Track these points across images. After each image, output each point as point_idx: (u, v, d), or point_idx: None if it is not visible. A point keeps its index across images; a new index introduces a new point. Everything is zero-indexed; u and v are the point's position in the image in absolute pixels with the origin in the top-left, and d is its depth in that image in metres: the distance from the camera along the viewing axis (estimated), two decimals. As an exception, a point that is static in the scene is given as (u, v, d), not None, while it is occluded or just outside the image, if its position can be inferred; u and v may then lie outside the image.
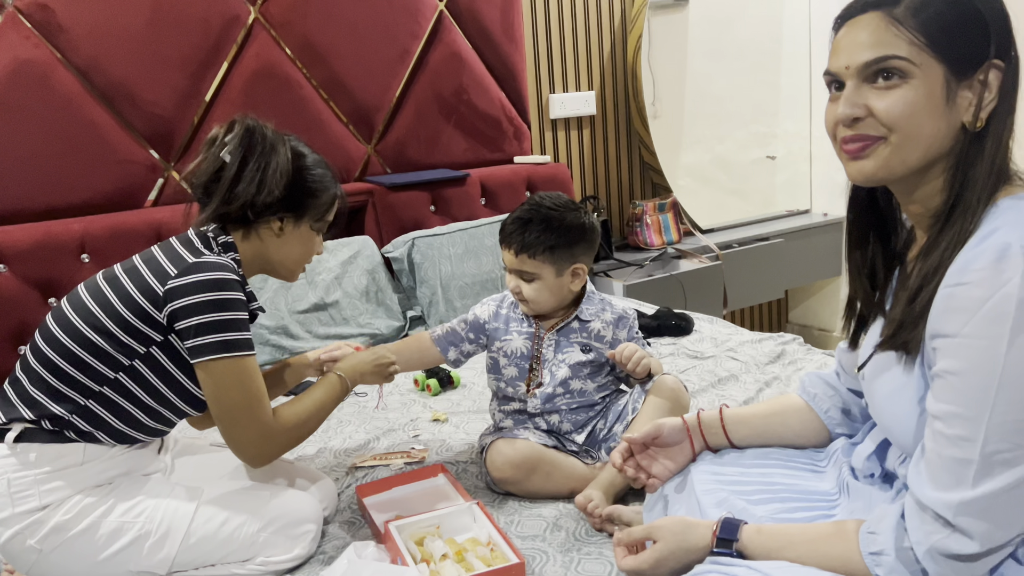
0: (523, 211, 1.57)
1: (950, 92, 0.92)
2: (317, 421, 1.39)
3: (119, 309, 1.27)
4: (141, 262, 1.32)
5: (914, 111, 0.92)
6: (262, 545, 1.31)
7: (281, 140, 1.38)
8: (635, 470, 1.24)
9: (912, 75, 0.92)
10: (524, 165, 3.09)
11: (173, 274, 1.27)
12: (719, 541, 1.02)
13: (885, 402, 1.02)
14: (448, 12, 2.91)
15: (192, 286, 1.25)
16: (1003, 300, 0.84)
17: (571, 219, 1.55)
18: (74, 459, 1.27)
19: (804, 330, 4.09)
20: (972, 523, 0.86)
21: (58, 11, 2.23)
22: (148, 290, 1.27)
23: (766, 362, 2.17)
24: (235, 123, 1.36)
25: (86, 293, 1.32)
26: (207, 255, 1.31)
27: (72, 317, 1.29)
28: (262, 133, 1.35)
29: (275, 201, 1.36)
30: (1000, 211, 0.91)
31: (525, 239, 1.53)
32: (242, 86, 2.52)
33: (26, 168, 2.23)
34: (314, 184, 1.42)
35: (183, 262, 1.28)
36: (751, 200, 3.97)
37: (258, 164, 1.33)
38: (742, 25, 3.75)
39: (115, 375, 1.28)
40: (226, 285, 1.27)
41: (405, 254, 2.66)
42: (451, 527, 1.35)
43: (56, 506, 1.24)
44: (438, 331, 1.69)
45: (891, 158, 0.95)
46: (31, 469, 1.24)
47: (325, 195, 1.44)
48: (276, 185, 1.34)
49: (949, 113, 0.93)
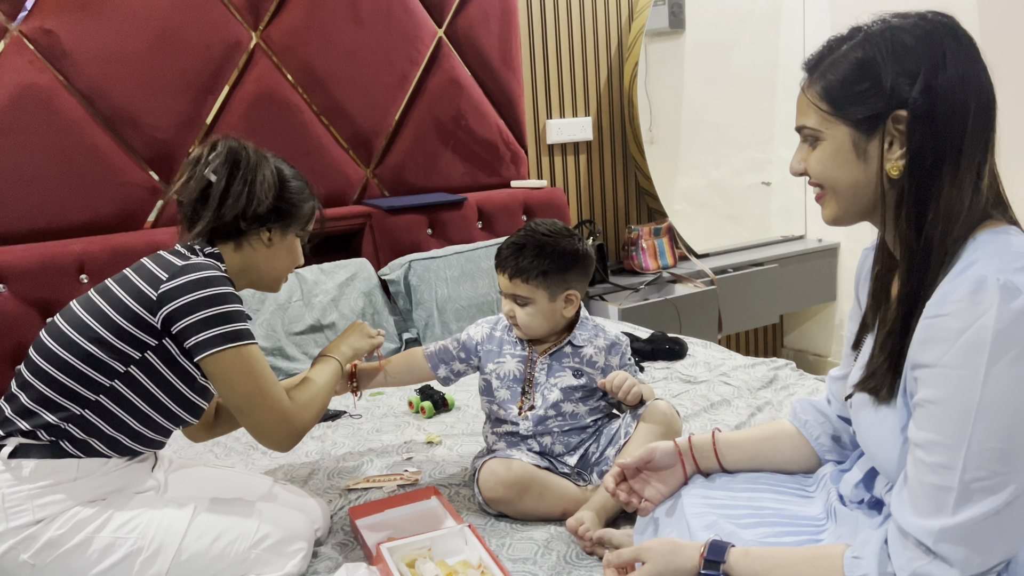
0: (518, 236, 1.60)
1: (858, 148, 0.98)
2: (325, 402, 1.48)
3: (112, 316, 1.30)
4: (131, 272, 1.36)
5: (828, 168, 1.01)
6: (253, 562, 1.32)
7: (263, 156, 1.45)
8: (627, 494, 1.25)
9: (822, 137, 1.00)
10: (521, 189, 3.13)
11: (164, 278, 1.30)
12: (706, 563, 1.03)
13: (870, 431, 1.04)
14: (447, 39, 2.96)
15: (185, 286, 1.30)
16: (979, 331, 0.86)
17: (565, 245, 1.58)
18: (68, 475, 1.28)
19: (799, 355, 4.10)
20: (952, 549, 0.87)
21: (62, 36, 2.27)
22: (141, 295, 1.30)
23: (758, 387, 2.19)
24: (217, 143, 1.43)
25: (78, 306, 1.35)
26: (195, 258, 1.36)
27: (66, 329, 1.31)
28: (245, 150, 1.42)
29: (265, 213, 1.43)
30: (979, 244, 0.93)
31: (519, 264, 1.56)
32: (243, 111, 2.56)
33: (28, 190, 2.26)
34: (297, 195, 1.50)
35: (173, 266, 1.32)
36: (746, 225, 4.00)
37: (244, 179, 1.40)
38: (738, 52, 3.81)
39: (110, 383, 1.29)
40: (218, 281, 1.32)
41: (402, 276, 2.68)
42: (442, 549, 1.36)
43: (49, 521, 1.25)
44: (431, 348, 1.72)
45: (835, 206, 1.03)
46: (25, 484, 1.25)
47: (307, 205, 1.52)
48: (265, 196, 1.42)
49: (865, 166, 0.98)
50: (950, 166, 0.93)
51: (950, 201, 0.93)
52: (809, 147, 1.03)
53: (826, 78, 0.99)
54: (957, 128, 0.93)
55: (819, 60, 1.02)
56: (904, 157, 0.95)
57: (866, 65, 0.96)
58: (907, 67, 0.94)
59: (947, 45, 0.94)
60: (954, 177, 0.93)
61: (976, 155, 0.94)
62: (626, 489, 1.25)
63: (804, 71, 1.04)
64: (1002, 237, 0.93)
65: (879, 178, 0.98)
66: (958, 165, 0.93)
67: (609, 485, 1.25)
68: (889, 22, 0.98)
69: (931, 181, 0.94)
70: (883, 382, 1.00)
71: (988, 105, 0.95)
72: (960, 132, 0.93)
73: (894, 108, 0.95)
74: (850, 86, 0.97)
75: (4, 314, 2.15)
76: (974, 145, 0.94)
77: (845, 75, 0.98)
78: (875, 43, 0.96)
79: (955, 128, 0.93)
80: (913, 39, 0.94)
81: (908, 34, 0.95)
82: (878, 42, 0.96)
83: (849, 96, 0.97)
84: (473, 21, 2.99)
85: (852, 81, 0.97)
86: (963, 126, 0.93)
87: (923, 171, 0.94)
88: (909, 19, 0.97)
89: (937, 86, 0.93)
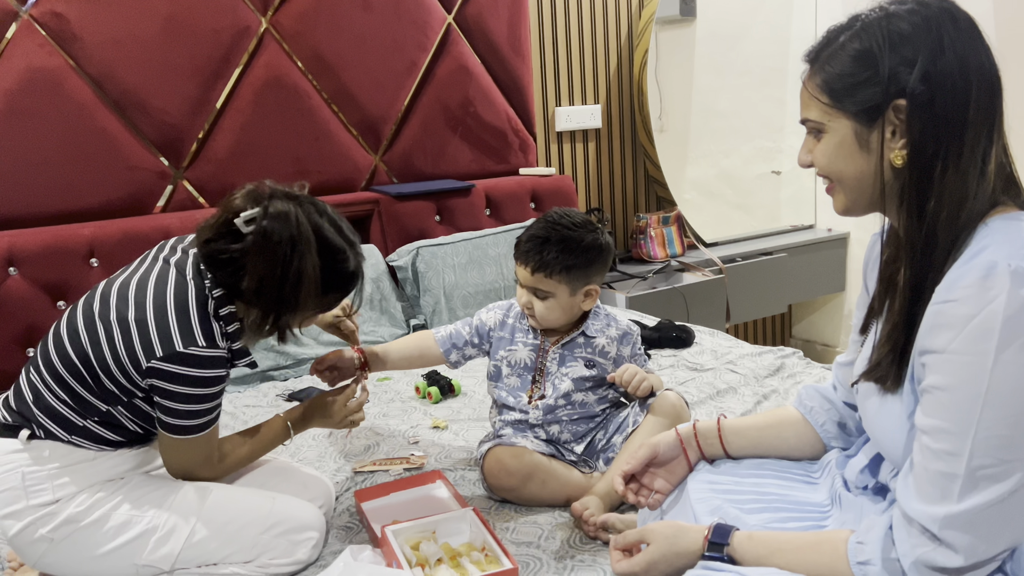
0: (540, 229, 1.55)
1: (861, 139, 0.97)
2: (251, 459, 1.44)
3: (106, 357, 1.25)
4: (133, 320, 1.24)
5: (833, 160, 1.00)
6: (264, 547, 1.33)
7: (308, 239, 1.26)
8: (636, 494, 1.25)
9: (825, 129, 1.00)
10: (529, 177, 3.12)
11: (158, 355, 1.23)
12: (710, 545, 1.03)
13: (876, 417, 1.04)
14: (456, 25, 2.95)
15: (173, 375, 1.24)
16: (989, 317, 0.85)
17: (589, 240, 1.55)
18: (86, 455, 1.30)
19: (807, 345, 4.09)
20: (957, 537, 0.87)
21: (73, 20, 2.27)
22: (133, 356, 1.24)
23: (765, 375, 2.18)
24: (268, 203, 1.26)
25: (81, 323, 1.29)
26: (197, 345, 1.24)
27: (67, 345, 1.29)
28: (293, 228, 1.25)
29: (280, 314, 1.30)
30: (990, 231, 0.92)
31: (543, 258, 1.52)
32: (252, 95, 2.56)
33: (38, 173, 2.27)
34: (339, 281, 1.34)
35: (170, 346, 1.22)
36: (755, 215, 3.98)
37: (282, 272, 1.25)
38: (749, 41, 3.78)
39: (106, 407, 1.29)
40: (207, 381, 1.26)
41: (409, 263, 2.68)
42: (447, 532, 1.36)
43: (69, 499, 1.27)
44: (442, 332, 1.70)
45: (844, 198, 1.03)
46: (44, 464, 1.27)
47: (342, 294, 1.36)
48: (302, 297, 1.28)
49: (869, 157, 0.97)
50: (953, 153, 0.92)
51: (953, 188, 0.92)
52: (814, 139, 1.03)
53: (825, 70, 0.99)
54: (958, 114, 0.92)
55: (819, 51, 1.01)
56: (906, 147, 0.94)
57: (863, 56, 0.95)
58: (905, 56, 0.93)
59: (945, 30, 0.92)
60: (957, 164, 0.92)
61: (980, 140, 0.92)
62: (635, 488, 1.25)
63: (805, 62, 1.03)
64: (1014, 224, 0.92)
65: (883, 168, 0.97)
66: (961, 152, 0.92)
67: (619, 488, 1.24)
68: (887, 9, 0.96)
69: (933, 169, 0.93)
70: (888, 372, 0.99)
71: (991, 89, 0.93)
72: (961, 118, 0.92)
73: (894, 98, 0.94)
74: (849, 78, 0.96)
75: (15, 297, 2.16)
76: (977, 131, 0.92)
77: (843, 67, 0.97)
78: (872, 33, 0.95)
79: (956, 114, 0.92)
80: (910, 26, 0.93)
81: (905, 21, 0.94)
82: (875, 31, 0.95)
83: (848, 88, 0.97)
84: (482, 7, 2.97)
85: (850, 73, 0.96)
86: (964, 112, 0.92)
87: (925, 159, 0.93)
88: (906, 5, 0.95)
89: (936, 73, 0.91)
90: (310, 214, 1.29)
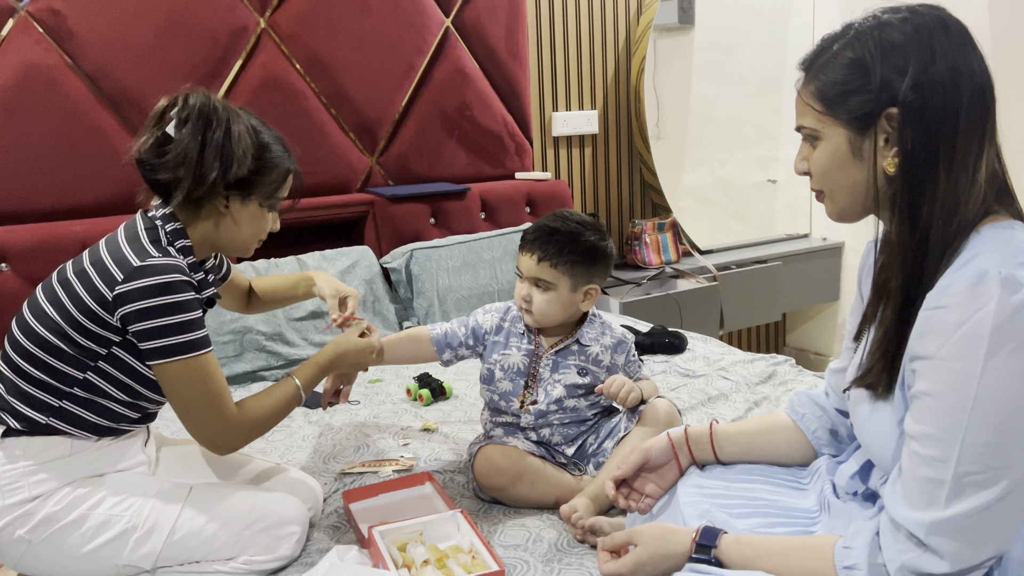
0: (551, 220, 1.57)
1: (854, 147, 0.98)
2: (274, 419, 1.38)
3: (74, 314, 1.25)
4: (89, 264, 1.27)
5: (827, 168, 1.01)
6: (246, 544, 1.32)
7: (235, 112, 1.32)
8: (626, 499, 1.25)
9: (820, 137, 1.00)
10: (525, 181, 3.12)
11: (119, 279, 1.23)
12: (698, 547, 1.03)
13: (867, 423, 1.04)
14: (454, 29, 2.96)
15: (139, 291, 1.22)
16: (978, 324, 0.85)
17: (597, 240, 1.56)
18: (61, 451, 1.28)
19: (800, 354, 4.10)
20: (943, 543, 0.87)
21: (69, 17, 2.27)
22: (97, 294, 1.24)
23: (757, 382, 2.19)
24: (187, 97, 1.30)
25: (43, 297, 1.29)
26: (153, 256, 1.25)
27: (33, 324, 1.28)
28: (215, 106, 1.30)
29: (224, 180, 1.30)
30: (982, 239, 0.92)
31: (550, 247, 1.53)
32: (248, 96, 2.56)
33: (32, 170, 2.26)
34: (270, 161, 1.36)
35: (128, 264, 1.24)
36: (751, 223, 3.99)
37: (216, 140, 1.28)
38: (746, 50, 3.80)
39: (83, 375, 1.28)
40: (174, 288, 1.24)
41: (403, 265, 2.68)
42: (434, 534, 1.36)
43: (46, 497, 1.26)
44: (437, 330, 1.68)
45: (834, 206, 1.04)
46: (20, 462, 1.26)
47: (275, 172, 1.37)
48: (243, 163, 1.30)
49: (862, 165, 0.98)
50: (944, 161, 0.93)
51: (945, 195, 0.93)
52: (810, 146, 1.03)
53: (819, 78, 0.99)
54: (949, 122, 0.92)
55: (813, 59, 1.02)
56: (898, 155, 0.95)
57: (856, 64, 0.96)
58: (896, 64, 0.93)
59: (936, 39, 0.93)
60: (948, 172, 0.93)
61: (972, 148, 0.93)
62: (626, 493, 1.25)
63: (800, 70, 1.04)
64: (1006, 232, 0.93)
65: (875, 176, 0.98)
66: (952, 160, 0.92)
67: (610, 493, 1.24)
68: (879, 18, 0.97)
69: (925, 176, 0.94)
70: (880, 378, 1.00)
71: (983, 96, 0.93)
72: (952, 126, 0.92)
73: (886, 106, 0.94)
74: (841, 86, 0.97)
75: (5, 293, 2.15)
76: (968, 138, 0.93)
77: (836, 75, 0.98)
78: (864, 41, 0.96)
79: (947, 122, 0.92)
80: (901, 35, 0.94)
81: (897, 30, 0.94)
82: (867, 40, 0.96)
83: (841, 96, 0.97)
84: (481, 11, 2.98)
85: (843, 81, 0.97)
86: (955, 120, 0.92)
87: (917, 167, 0.94)
88: (899, 14, 0.96)
89: (927, 81, 0.92)
90: (226, 105, 1.33)
